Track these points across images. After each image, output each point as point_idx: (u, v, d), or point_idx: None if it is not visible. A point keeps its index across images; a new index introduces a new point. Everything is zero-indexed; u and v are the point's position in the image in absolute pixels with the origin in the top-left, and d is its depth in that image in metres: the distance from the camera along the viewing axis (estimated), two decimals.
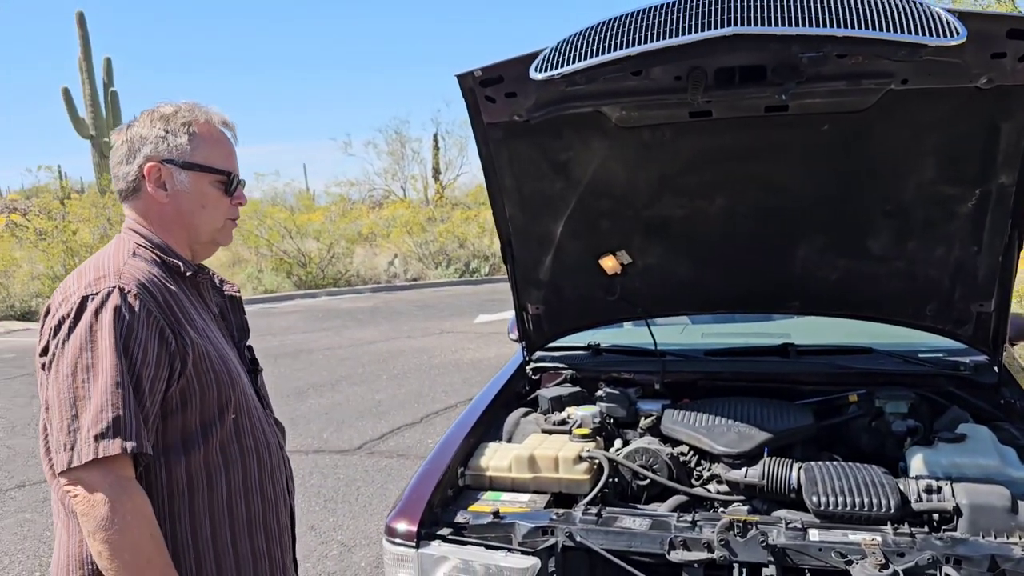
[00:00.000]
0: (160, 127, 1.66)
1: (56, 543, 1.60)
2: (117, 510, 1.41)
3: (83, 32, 27.41)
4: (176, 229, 1.71)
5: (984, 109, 2.29)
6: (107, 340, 1.45)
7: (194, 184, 1.69)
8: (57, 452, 1.44)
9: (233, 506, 1.63)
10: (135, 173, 1.67)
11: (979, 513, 2.10)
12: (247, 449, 1.66)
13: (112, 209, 19.24)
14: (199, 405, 1.57)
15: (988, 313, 2.76)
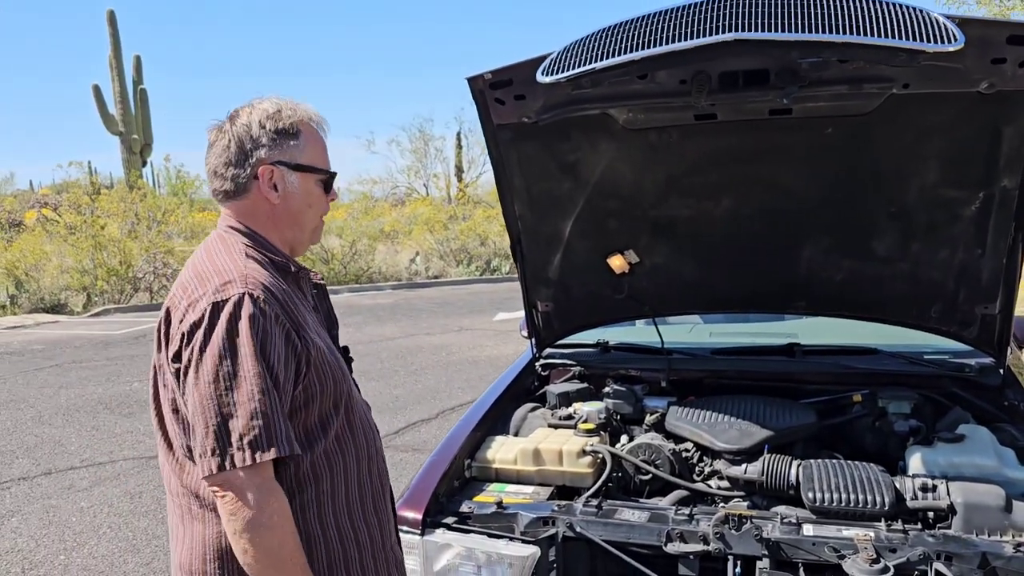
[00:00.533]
0: (270, 127, 1.66)
1: (184, 532, 1.62)
2: (264, 511, 1.46)
3: (113, 30, 27.84)
4: (284, 228, 1.73)
5: (986, 113, 2.32)
6: (247, 347, 1.48)
7: (302, 185, 1.71)
8: (204, 457, 1.46)
9: (350, 492, 1.67)
10: (247, 175, 1.66)
11: (973, 511, 2.14)
12: (358, 436, 1.70)
13: (139, 205, 19.56)
14: (319, 400, 1.60)
15: (993, 315, 2.78)
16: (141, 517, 4.95)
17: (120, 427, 7.05)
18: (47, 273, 17.12)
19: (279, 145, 1.66)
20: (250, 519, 1.45)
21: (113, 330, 13.40)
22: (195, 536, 1.60)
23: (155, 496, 5.30)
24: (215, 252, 1.64)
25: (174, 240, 20.49)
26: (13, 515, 5.09)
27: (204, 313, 1.50)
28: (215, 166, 1.69)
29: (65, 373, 9.60)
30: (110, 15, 27.83)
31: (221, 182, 1.69)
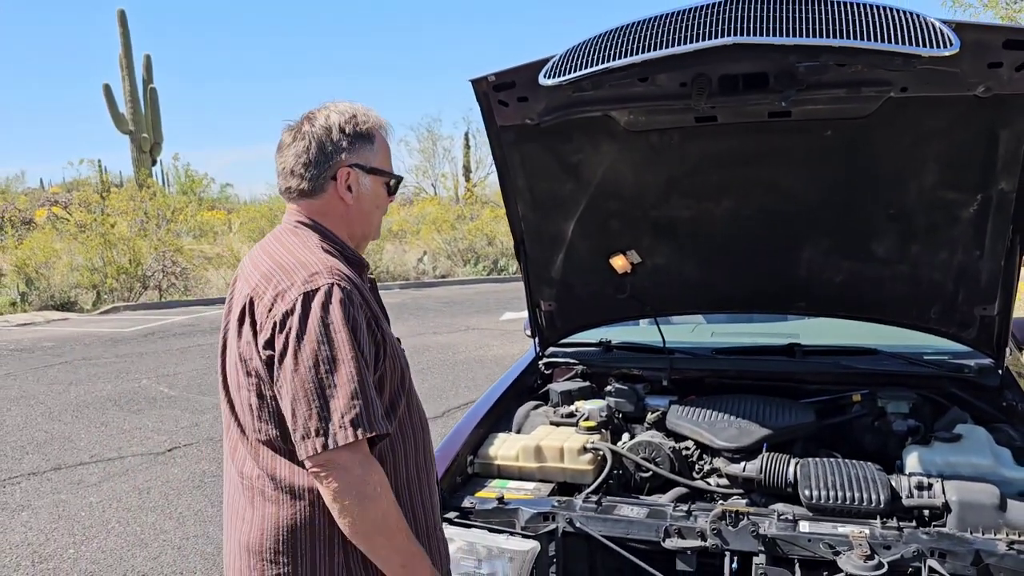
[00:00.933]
0: (349, 131, 1.73)
1: (254, 514, 1.69)
2: (368, 483, 1.55)
3: (124, 30, 27.99)
4: (354, 226, 1.81)
5: (983, 117, 2.34)
6: (342, 333, 1.56)
7: (373, 186, 1.80)
8: (307, 438, 1.53)
9: (410, 471, 1.76)
10: (326, 176, 1.73)
11: (967, 510, 2.17)
12: (415, 419, 1.80)
13: (149, 203, 19.67)
14: (389, 385, 1.70)
15: (991, 317, 2.80)
16: (149, 512, 5.01)
17: (129, 423, 7.12)
18: (57, 271, 17.24)
19: (357, 149, 1.75)
20: (357, 493, 1.54)
21: (123, 327, 13.49)
22: (267, 517, 1.67)
23: (163, 492, 5.36)
24: (293, 246, 1.71)
25: (183, 238, 20.62)
26: (23, 509, 5.15)
27: (295, 303, 1.57)
28: (292, 166, 1.75)
29: (75, 370, 9.69)
30: (120, 15, 27.98)
31: (298, 181, 1.75)
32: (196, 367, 9.62)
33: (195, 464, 5.93)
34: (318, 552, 1.65)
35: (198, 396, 8.05)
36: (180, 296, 17.86)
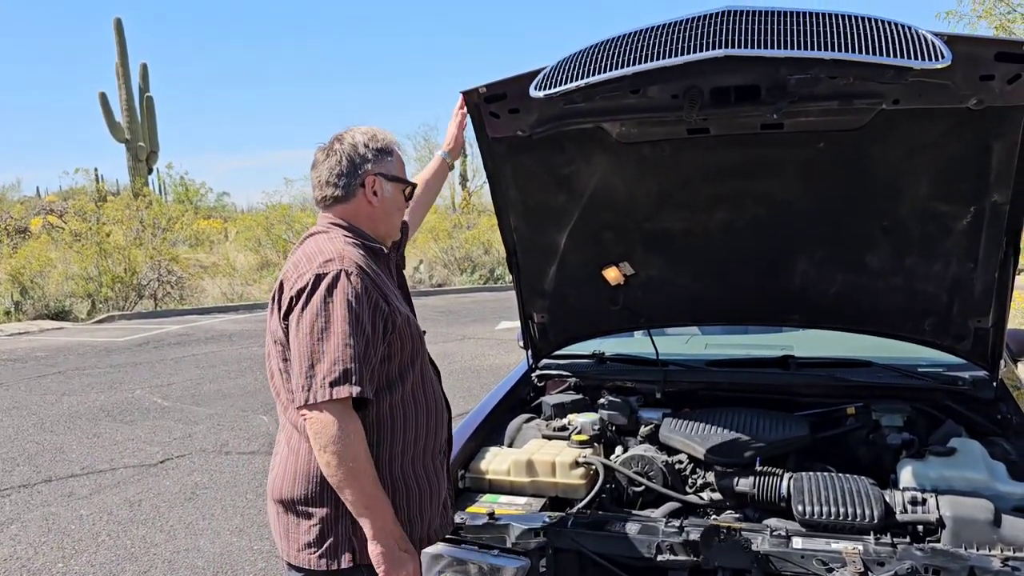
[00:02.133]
0: (374, 147, 2.09)
1: (283, 461, 2.04)
2: (343, 430, 1.83)
3: (120, 38, 28.02)
4: (378, 225, 2.14)
5: (976, 129, 2.33)
6: (339, 310, 1.86)
7: (394, 192, 2.15)
8: (297, 391, 1.86)
9: (417, 436, 2.06)
10: (356, 183, 2.08)
11: (962, 525, 2.15)
12: (428, 391, 2.11)
13: (145, 212, 19.64)
14: (399, 355, 2.01)
15: (986, 329, 2.79)
16: (140, 525, 4.97)
17: (121, 434, 7.08)
18: (52, 280, 17.19)
19: (380, 160, 2.11)
20: (331, 436, 1.83)
21: (117, 337, 13.44)
22: (287, 464, 2.02)
23: (154, 504, 5.32)
24: (322, 241, 2.03)
25: (179, 247, 20.58)
26: (12, 522, 5.11)
27: (308, 282, 1.90)
28: (327, 177, 2.10)
29: (68, 380, 9.64)
30: (117, 23, 28.02)
31: (332, 189, 2.10)
32: (190, 377, 9.58)
33: (187, 476, 5.89)
34: (326, 493, 1.94)
35: (192, 407, 8.01)
36: (175, 305, 17.81)
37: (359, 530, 1.90)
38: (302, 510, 1.97)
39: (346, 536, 1.95)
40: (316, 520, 1.96)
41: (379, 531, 1.88)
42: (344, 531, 1.95)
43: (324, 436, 1.83)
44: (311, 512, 1.96)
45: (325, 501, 1.95)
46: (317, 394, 1.82)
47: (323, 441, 1.83)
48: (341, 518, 1.94)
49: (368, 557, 1.90)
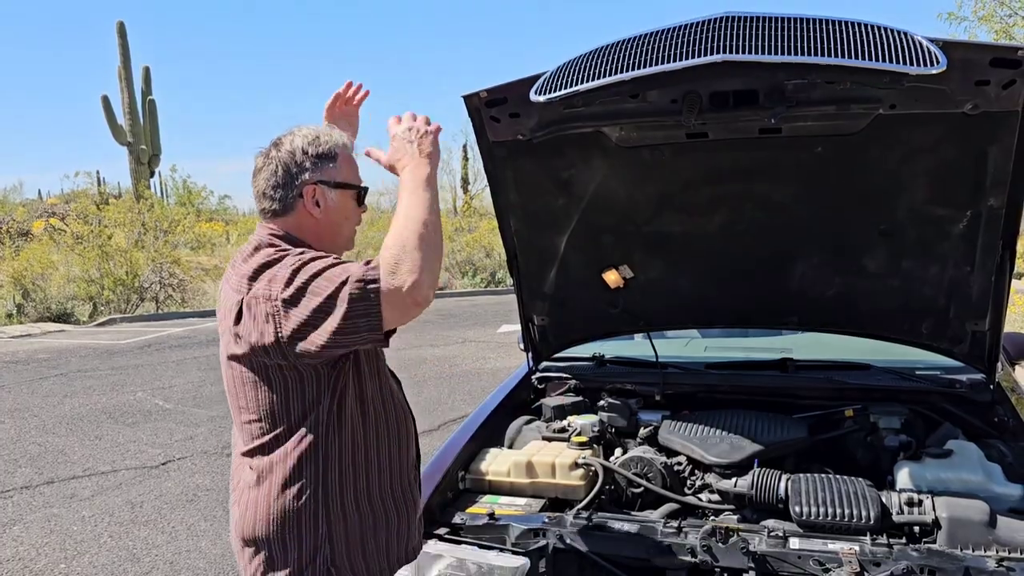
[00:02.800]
0: (313, 152, 1.87)
1: (250, 497, 1.83)
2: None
3: (123, 41, 28.06)
4: (324, 239, 1.92)
5: (972, 134, 2.35)
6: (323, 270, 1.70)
7: (340, 200, 1.92)
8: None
9: (391, 455, 1.92)
10: (293, 195, 1.87)
11: (957, 526, 2.17)
12: (391, 406, 1.96)
13: (147, 215, 19.68)
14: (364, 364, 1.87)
15: (983, 332, 2.80)
16: (142, 526, 4.99)
17: (123, 436, 7.10)
18: (54, 282, 17.24)
19: (320, 167, 1.88)
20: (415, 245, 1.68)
21: (119, 339, 13.48)
22: (251, 504, 1.85)
23: (156, 506, 5.34)
24: (272, 251, 1.82)
25: (180, 250, 20.61)
26: (15, 523, 5.13)
27: (287, 270, 1.73)
28: (263, 188, 1.89)
29: (70, 382, 9.67)
30: (120, 26, 28.05)
31: (270, 203, 1.89)
32: (192, 379, 9.60)
33: (189, 478, 5.91)
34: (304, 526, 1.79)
35: (193, 409, 8.03)
36: (177, 308, 17.85)
37: (337, 558, 1.80)
38: (276, 548, 1.80)
39: (325, 568, 1.81)
40: (293, 557, 1.80)
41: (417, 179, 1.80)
42: (323, 563, 1.81)
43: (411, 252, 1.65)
44: (287, 548, 1.80)
45: (304, 533, 1.79)
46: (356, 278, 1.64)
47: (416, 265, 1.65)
48: (320, 548, 1.80)
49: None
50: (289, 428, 1.79)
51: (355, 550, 1.83)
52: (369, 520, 1.86)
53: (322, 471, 1.80)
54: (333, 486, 1.81)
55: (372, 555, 1.86)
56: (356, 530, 1.84)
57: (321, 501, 1.80)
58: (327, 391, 1.79)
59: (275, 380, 1.78)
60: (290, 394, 1.78)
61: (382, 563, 1.89)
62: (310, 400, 1.78)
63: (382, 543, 1.88)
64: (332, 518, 1.81)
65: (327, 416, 1.79)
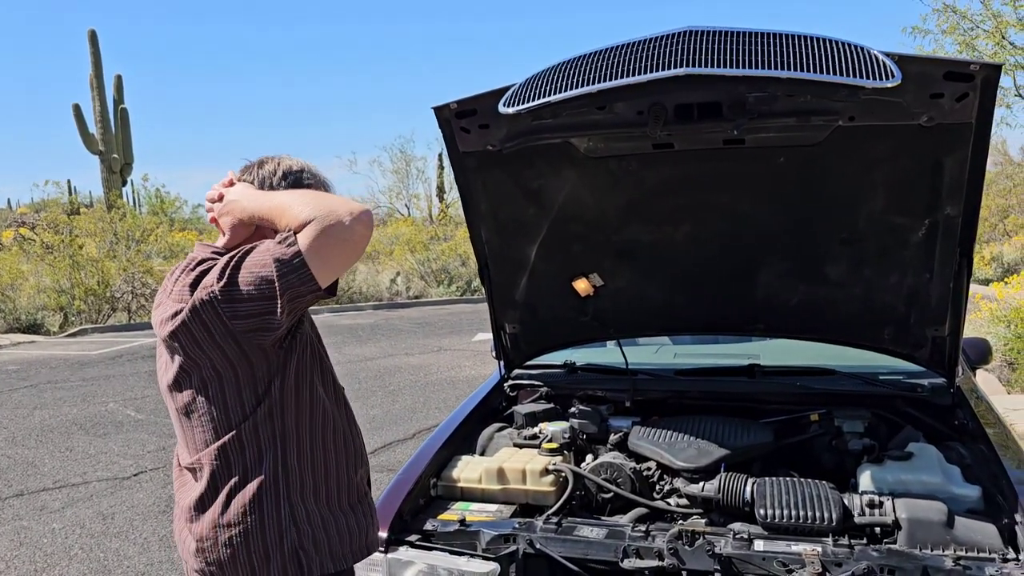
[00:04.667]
0: (291, 180, 1.95)
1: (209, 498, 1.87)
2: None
3: (95, 50, 27.84)
4: None
5: (927, 145, 2.42)
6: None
7: None
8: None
9: (337, 419, 1.99)
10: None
11: (916, 527, 2.23)
12: (329, 390, 2.00)
13: (119, 224, 19.49)
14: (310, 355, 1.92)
15: (943, 337, 2.88)
16: (113, 538, 4.95)
17: (94, 448, 7.03)
18: (23, 293, 17.00)
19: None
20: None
21: (90, 350, 13.32)
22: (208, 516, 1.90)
23: (127, 517, 5.30)
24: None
25: (153, 260, 20.41)
26: None
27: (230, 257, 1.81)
28: None
29: (40, 394, 9.55)
30: (91, 34, 27.85)
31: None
32: None
33: (161, 489, 5.86)
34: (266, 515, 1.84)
35: (166, 420, 7.95)
36: (149, 318, 17.62)
37: (304, 541, 1.84)
38: (240, 537, 1.83)
39: (292, 551, 1.84)
40: (259, 544, 1.83)
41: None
42: (291, 546, 1.84)
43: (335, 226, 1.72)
44: (252, 536, 1.84)
45: (267, 520, 1.83)
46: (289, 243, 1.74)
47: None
48: (286, 533, 1.84)
49: (312, 571, 1.86)
50: (245, 417, 1.83)
51: (319, 534, 1.88)
52: (325, 508, 1.91)
53: (281, 458, 1.85)
54: (293, 473, 1.86)
55: (335, 539, 1.90)
56: (317, 516, 1.88)
57: (283, 486, 1.84)
58: (277, 381, 1.84)
59: (225, 375, 1.82)
60: (241, 387, 1.82)
61: (344, 548, 1.92)
62: (262, 390, 1.83)
63: (343, 529, 1.93)
64: (294, 502, 1.85)
65: (279, 405, 1.84)
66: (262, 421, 1.83)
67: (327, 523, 1.90)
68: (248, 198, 1.89)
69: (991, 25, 11.08)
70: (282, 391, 1.85)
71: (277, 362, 1.84)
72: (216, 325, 1.76)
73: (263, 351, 1.81)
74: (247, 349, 1.79)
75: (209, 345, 1.79)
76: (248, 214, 1.88)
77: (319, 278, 1.73)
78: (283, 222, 1.78)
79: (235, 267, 1.76)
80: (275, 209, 1.81)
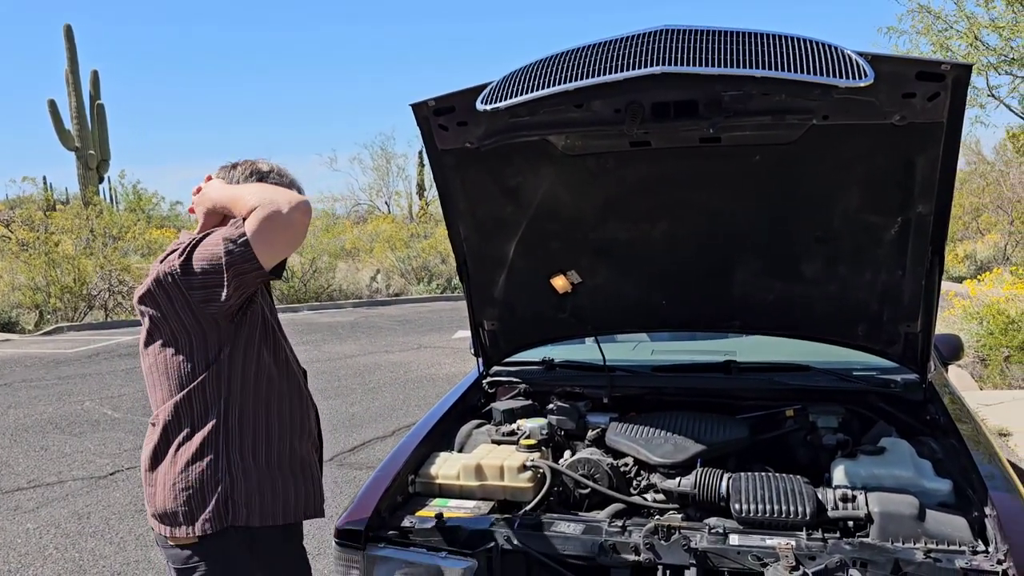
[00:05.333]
0: (256, 180, 2.23)
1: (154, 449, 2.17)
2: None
3: (70, 45, 27.51)
4: None
5: (900, 144, 2.46)
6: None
7: None
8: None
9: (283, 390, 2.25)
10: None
11: (888, 520, 2.25)
12: (281, 366, 2.26)
13: (95, 221, 19.29)
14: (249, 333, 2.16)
15: (915, 333, 2.91)
16: (88, 538, 4.91)
17: (69, 447, 6.96)
18: None
19: None
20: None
21: (66, 348, 13.18)
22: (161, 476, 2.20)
23: (103, 516, 5.26)
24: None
25: (131, 257, 20.23)
26: None
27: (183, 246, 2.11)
28: None
29: (14, 392, 9.44)
30: (67, 29, 27.52)
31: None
32: (142, 388, 9.42)
33: (138, 487, 5.82)
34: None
35: (143, 418, 7.90)
36: (127, 316, 17.50)
37: (235, 493, 2.11)
38: (180, 485, 2.12)
39: (224, 497, 2.11)
40: (196, 488, 2.11)
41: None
42: (223, 493, 2.10)
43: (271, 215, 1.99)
44: (191, 484, 2.11)
45: (205, 469, 2.11)
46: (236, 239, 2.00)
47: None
48: (220, 481, 2.10)
49: (237, 519, 2.11)
50: (195, 378, 2.11)
51: (252, 489, 2.13)
52: (264, 468, 2.16)
53: (224, 416, 2.12)
54: (234, 431, 2.13)
55: (267, 497, 2.15)
56: (253, 473, 2.14)
57: (223, 442, 2.12)
58: (226, 349, 2.12)
59: (181, 341, 2.11)
60: (194, 351, 2.11)
61: (276, 508, 2.16)
62: (212, 356, 2.11)
63: (278, 490, 2.17)
64: (232, 457, 2.12)
65: (227, 371, 2.12)
66: (210, 383, 2.11)
67: (262, 482, 2.15)
68: (215, 190, 2.18)
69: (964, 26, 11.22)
70: (231, 359, 2.12)
71: (228, 333, 2.11)
72: (176, 295, 2.06)
73: (215, 321, 2.09)
74: (201, 319, 2.08)
75: (169, 312, 2.09)
76: (213, 203, 2.17)
77: (262, 259, 2.00)
78: (237, 210, 2.06)
79: (194, 246, 2.06)
80: (232, 199, 2.10)
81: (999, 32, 11.28)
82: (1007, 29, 11.13)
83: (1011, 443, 6.07)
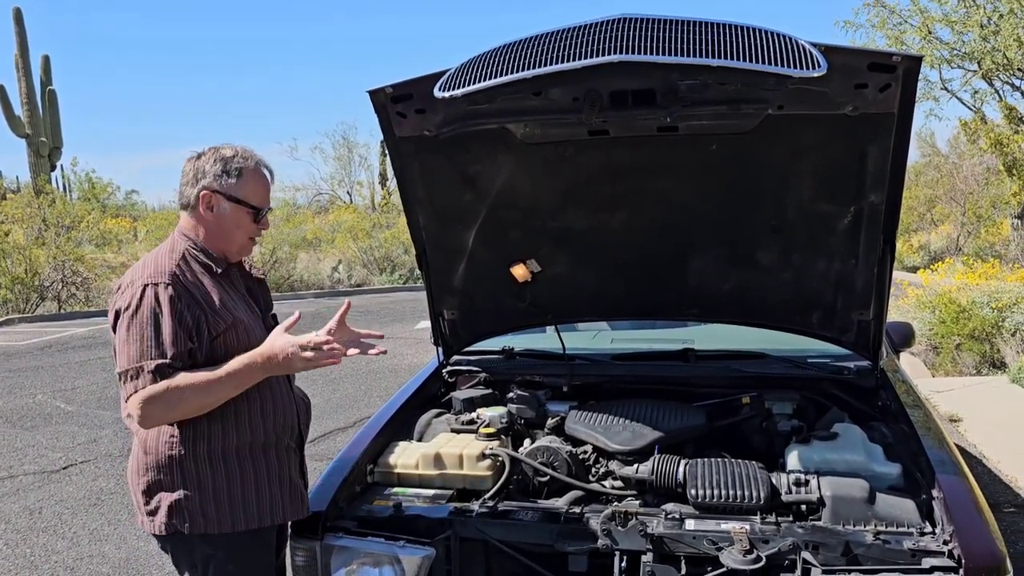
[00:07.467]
0: (220, 166, 2.24)
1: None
2: (162, 399, 2.08)
3: (20, 29, 26.78)
4: (215, 240, 2.30)
5: (852, 134, 2.49)
6: (143, 315, 2.11)
7: (233, 212, 2.28)
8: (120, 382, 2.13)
9: (255, 426, 2.28)
10: (194, 195, 2.26)
11: (840, 503, 2.30)
12: (267, 388, 2.31)
13: (47, 210, 18.84)
14: (236, 350, 2.21)
15: (867, 321, 2.97)
16: (40, 533, 4.81)
17: (21, 441, 6.81)
18: None
19: (220, 180, 2.25)
20: (154, 413, 2.10)
21: (17, 340, 12.88)
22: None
23: (56, 511, 5.15)
24: (161, 250, 2.27)
25: (84, 247, 19.81)
26: None
27: (137, 291, 2.13)
28: (182, 184, 2.30)
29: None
30: (16, 13, 26.76)
31: (181, 196, 2.31)
32: (96, 380, 9.26)
33: (92, 482, 5.72)
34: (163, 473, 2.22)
35: (97, 411, 7.75)
36: (81, 307, 17.15)
37: (190, 504, 2.17)
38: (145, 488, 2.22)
39: (180, 508, 2.17)
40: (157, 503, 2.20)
41: (252, 369, 2.17)
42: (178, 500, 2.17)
43: (149, 416, 2.09)
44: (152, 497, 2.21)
45: (163, 481, 2.19)
46: (127, 387, 2.09)
47: (159, 413, 2.10)
48: (177, 488, 2.18)
49: (203, 527, 2.17)
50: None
51: (207, 498, 2.18)
52: (221, 473, 2.20)
53: (183, 425, 2.17)
54: (193, 439, 2.17)
55: (224, 506, 2.19)
56: (208, 484, 2.18)
57: (179, 448, 2.17)
58: (198, 355, 2.16)
59: None
60: None
61: (236, 514, 2.20)
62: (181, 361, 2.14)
63: (236, 497, 2.20)
64: (186, 467, 2.17)
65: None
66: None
67: (217, 490, 2.19)
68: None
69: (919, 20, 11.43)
70: (194, 367, 2.14)
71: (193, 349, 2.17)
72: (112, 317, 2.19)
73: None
74: None
75: None
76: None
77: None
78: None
79: (115, 326, 2.16)
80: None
81: (952, 26, 11.53)
82: (959, 24, 11.37)
83: (961, 428, 6.23)
